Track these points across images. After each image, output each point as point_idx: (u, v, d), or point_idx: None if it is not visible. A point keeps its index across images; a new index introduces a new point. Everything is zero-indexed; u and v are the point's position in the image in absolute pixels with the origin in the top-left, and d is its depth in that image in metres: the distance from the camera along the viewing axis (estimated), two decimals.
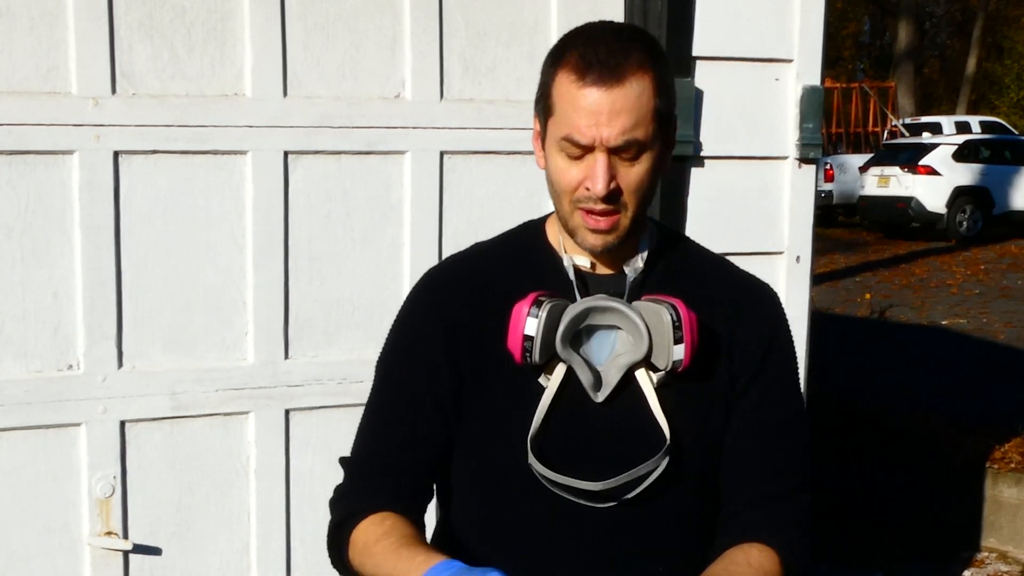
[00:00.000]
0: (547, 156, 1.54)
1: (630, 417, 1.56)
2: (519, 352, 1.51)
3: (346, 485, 1.63)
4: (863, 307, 10.86)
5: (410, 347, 1.62)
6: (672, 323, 1.50)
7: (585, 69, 1.46)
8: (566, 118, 1.48)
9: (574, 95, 1.47)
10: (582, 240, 1.54)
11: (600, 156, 1.47)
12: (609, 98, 1.45)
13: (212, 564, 2.70)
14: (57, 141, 2.47)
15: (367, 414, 1.66)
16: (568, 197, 1.52)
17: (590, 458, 1.55)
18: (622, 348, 1.55)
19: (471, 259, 1.68)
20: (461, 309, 1.60)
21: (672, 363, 1.52)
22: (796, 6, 3.05)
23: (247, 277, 2.66)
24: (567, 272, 1.58)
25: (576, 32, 1.53)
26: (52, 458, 2.54)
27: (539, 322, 1.50)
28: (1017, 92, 34.17)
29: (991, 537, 5.20)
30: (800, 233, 3.13)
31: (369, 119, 2.73)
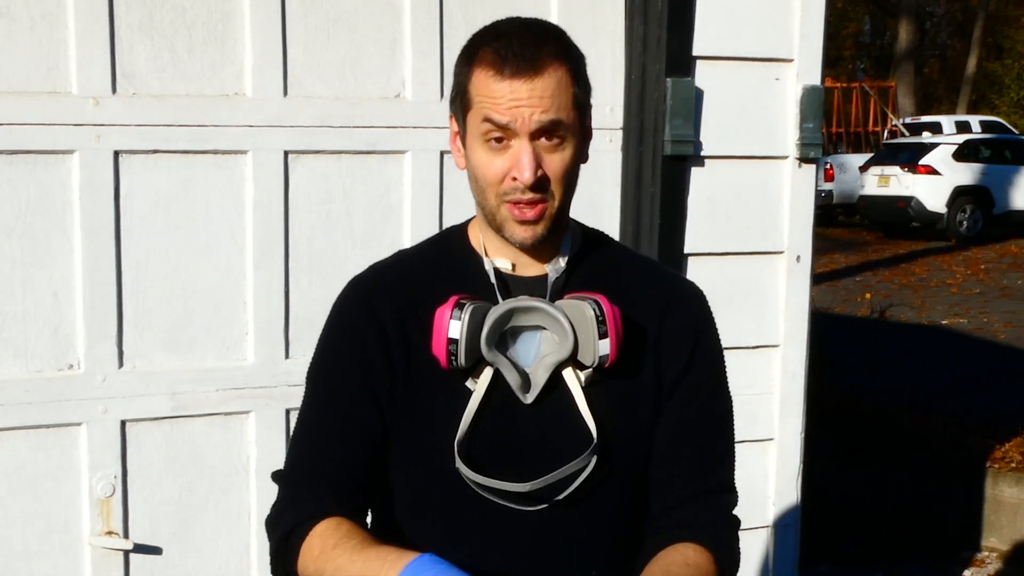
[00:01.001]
0: (468, 153, 1.54)
1: (559, 418, 1.56)
2: (444, 356, 1.50)
3: (286, 498, 1.60)
4: (863, 307, 10.86)
5: (341, 350, 1.60)
6: (596, 318, 1.50)
7: (502, 63, 1.47)
8: (484, 106, 1.49)
9: (492, 88, 1.48)
10: (511, 234, 1.54)
11: (524, 143, 1.48)
12: (528, 87, 1.47)
13: (212, 564, 2.70)
14: (57, 141, 2.47)
15: (300, 426, 1.63)
16: (494, 191, 1.51)
17: (519, 461, 1.55)
18: (548, 348, 1.54)
19: (394, 265, 1.68)
20: (387, 314, 1.59)
21: (598, 359, 1.51)
22: (796, 6, 3.05)
23: (247, 277, 2.66)
24: (488, 275, 1.58)
25: (486, 30, 1.54)
26: (52, 458, 2.54)
27: (462, 324, 1.49)
28: (1017, 92, 34.16)
29: (991, 537, 5.20)
30: (800, 233, 3.13)
31: (369, 119, 2.73)
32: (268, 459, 2.71)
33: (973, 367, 8.16)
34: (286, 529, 1.56)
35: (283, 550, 1.57)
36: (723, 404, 1.67)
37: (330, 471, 1.57)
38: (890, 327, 9.78)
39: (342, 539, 1.49)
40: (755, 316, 3.08)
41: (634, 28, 2.92)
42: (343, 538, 1.49)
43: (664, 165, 2.94)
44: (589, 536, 1.59)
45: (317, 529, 1.52)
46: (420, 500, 1.60)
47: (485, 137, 1.50)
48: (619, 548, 1.62)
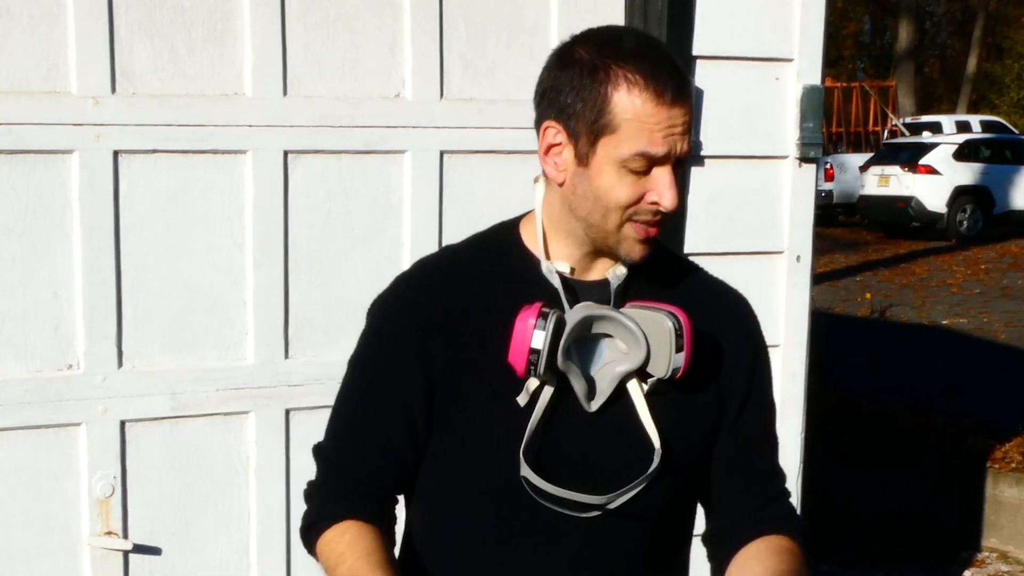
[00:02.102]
0: (594, 174, 1.49)
1: (620, 426, 1.55)
2: (523, 365, 1.48)
3: (316, 482, 1.63)
4: (863, 307, 10.86)
5: (381, 351, 1.60)
6: (675, 330, 1.49)
7: (663, 87, 1.45)
8: (638, 136, 1.45)
9: (651, 114, 1.45)
10: (628, 251, 1.53)
11: (668, 170, 1.47)
12: (683, 114, 1.46)
13: (212, 564, 2.70)
14: (57, 141, 2.47)
15: (337, 407, 1.64)
16: (621, 212, 1.50)
17: (580, 468, 1.54)
18: (611, 356, 1.53)
19: (443, 263, 1.66)
20: (435, 314, 1.57)
21: (671, 371, 1.51)
22: (796, 5, 3.05)
23: (247, 277, 2.66)
24: (548, 278, 1.56)
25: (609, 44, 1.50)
26: (52, 458, 2.54)
27: (546, 335, 1.47)
28: (1017, 91, 34.16)
29: (992, 537, 5.20)
30: (800, 232, 3.13)
31: (369, 119, 2.73)
32: (268, 459, 2.71)
33: (973, 367, 8.16)
34: (308, 519, 1.60)
35: (304, 537, 1.61)
36: (774, 412, 1.70)
37: (357, 467, 1.58)
38: (890, 327, 9.78)
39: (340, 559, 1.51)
40: None
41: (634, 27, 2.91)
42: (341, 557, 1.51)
43: None
44: (637, 542, 1.59)
45: (327, 535, 1.55)
46: (462, 505, 1.59)
47: (628, 164, 1.47)
48: (665, 554, 1.64)
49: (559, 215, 1.56)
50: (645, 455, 1.53)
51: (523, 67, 2.82)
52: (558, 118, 1.51)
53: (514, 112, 2.80)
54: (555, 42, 2.85)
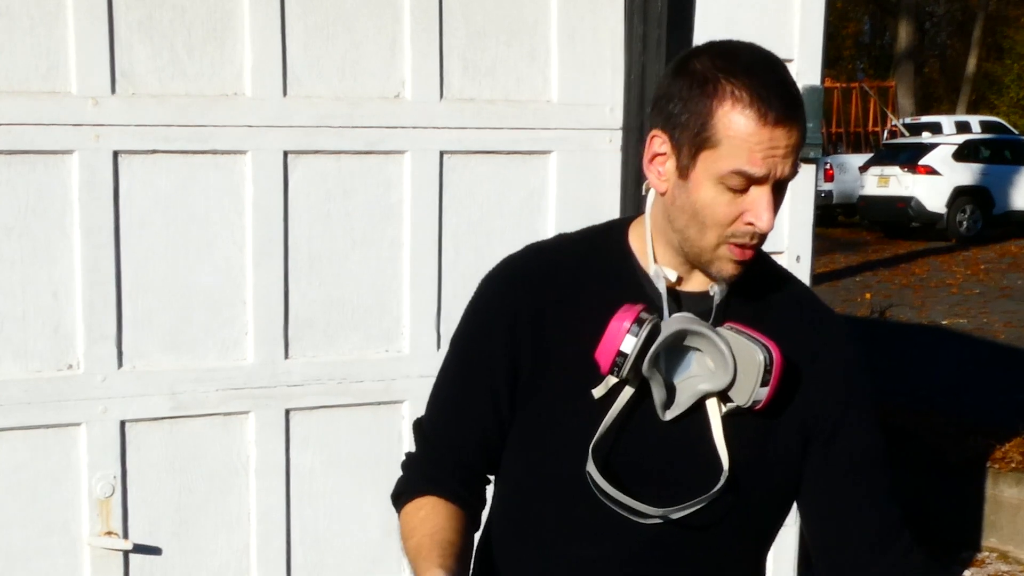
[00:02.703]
0: (694, 187, 1.47)
1: (691, 441, 1.54)
2: (608, 365, 1.49)
3: (411, 455, 1.68)
4: (863, 307, 10.86)
5: (475, 333, 1.63)
6: (764, 366, 1.48)
7: (767, 106, 1.42)
8: (738, 153, 1.43)
9: (753, 132, 1.42)
10: (719, 270, 1.51)
11: (767, 191, 1.45)
12: (788, 136, 1.43)
13: (212, 564, 2.70)
14: (57, 141, 2.47)
15: (438, 381, 1.67)
16: (720, 231, 1.48)
17: (644, 474, 1.54)
18: (698, 370, 1.53)
19: (549, 251, 1.66)
20: (529, 300, 1.58)
21: (752, 402, 1.50)
22: (796, 6, 3.05)
23: (247, 277, 2.66)
24: (655, 282, 1.55)
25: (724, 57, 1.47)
26: (52, 458, 2.54)
27: (637, 341, 1.47)
28: (1017, 92, 34.15)
29: (992, 537, 5.20)
30: (800, 233, 3.13)
31: (369, 119, 2.73)
32: (267, 459, 2.71)
33: (973, 367, 8.16)
34: (396, 491, 1.65)
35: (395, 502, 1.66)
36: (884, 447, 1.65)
37: (449, 444, 1.62)
38: (890, 327, 9.78)
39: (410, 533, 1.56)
40: None
41: (634, 28, 2.91)
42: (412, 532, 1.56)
43: None
44: (694, 554, 1.59)
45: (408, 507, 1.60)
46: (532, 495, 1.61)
47: (726, 181, 1.45)
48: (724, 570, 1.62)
49: (662, 224, 1.55)
50: (711, 474, 1.52)
51: (523, 67, 2.82)
52: (664, 127, 1.50)
53: (514, 112, 2.80)
54: (555, 42, 2.87)
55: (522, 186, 2.84)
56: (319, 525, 2.78)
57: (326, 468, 2.76)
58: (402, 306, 2.78)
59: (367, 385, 2.74)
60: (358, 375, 2.75)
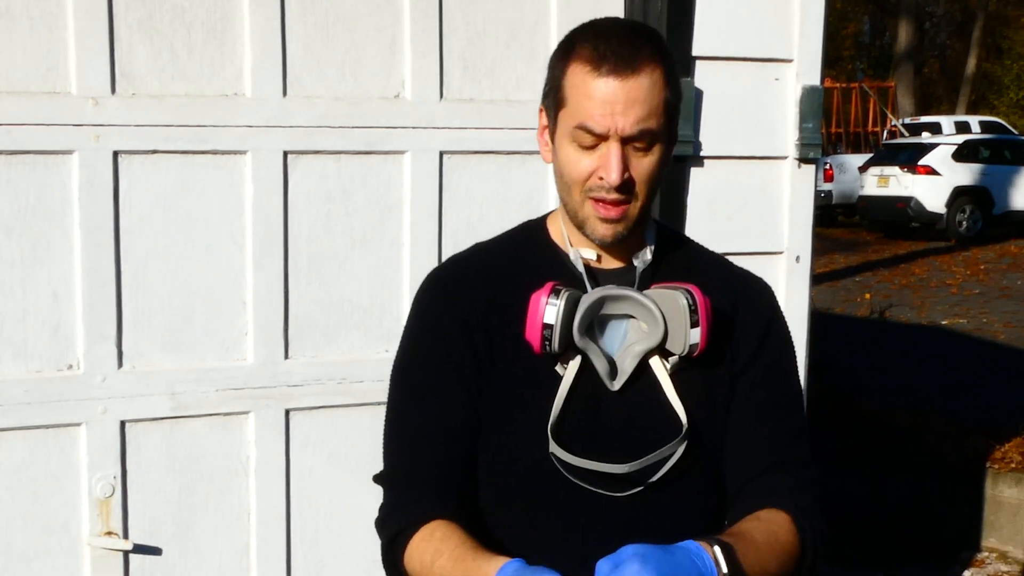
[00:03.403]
0: (557, 148, 1.55)
1: (645, 404, 1.58)
2: (538, 341, 1.52)
3: (389, 502, 1.62)
4: (863, 307, 10.86)
5: (429, 347, 1.62)
6: (688, 307, 1.52)
7: (600, 60, 1.48)
8: (579, 108, 1.49)
9: (588, 85, 1.48)
10: (592, 230, 1.56)
11: (614, 146, 1.49)
12: (624, 88, 1.47)
13: (212, 564, 2.70)
14: (57, 141, 2.47)
15: (393, 426, 1.64)
16: (579, 187, 1.53)
17: (607, 446, 1.57)
18: (635, 336, 1.57)
19: (474, 257, 1.70)
20: (470, 305, 1.61)
21: (688, 347, 1.54)
22: (796, 6, 3.05)
23: (247, 277, 2.66)
24: (574, 266, 1.60)
25: (585, 27, 1.55)
26: (52, 458, 2.54)
27: (558, 310, 1.50)
28: (1017, 92, 34.17)
29: (991, 537, 5.20)
30: (800, 233, 3.13)
31: (369, 119, 2.73)
32: (268, 459, 2.71)
33: (973, 367, 8.16)
34: (390, 535, 1.59)
35: (391, 554, 1.59)
36: (795, 386, 1.71)
37: (428, 472, 1.59)
38: (890, 327, 9.79)
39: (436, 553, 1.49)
40: None
41: None
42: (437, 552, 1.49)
43: None
44: (676, 520, 1.60)
45: (415, 539, 1.54)
46: (509, 485, 1.61)
47: (575, 138, 1.51)
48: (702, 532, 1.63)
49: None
50: (672, 431, 1.56)
51: (523, 67, 2.82)
52: (543, 100, 1.59)
53: (514, 112, 2.80)
54: (555, 42, 2.85)
55: (522, 186, 2.84)
56: (319, 525, 2.78)
57: (326, 468, 2.76)
58: (402, 306, 2.78)
59: (367, 385, 2.74)
60: (358, 375, 2.75)
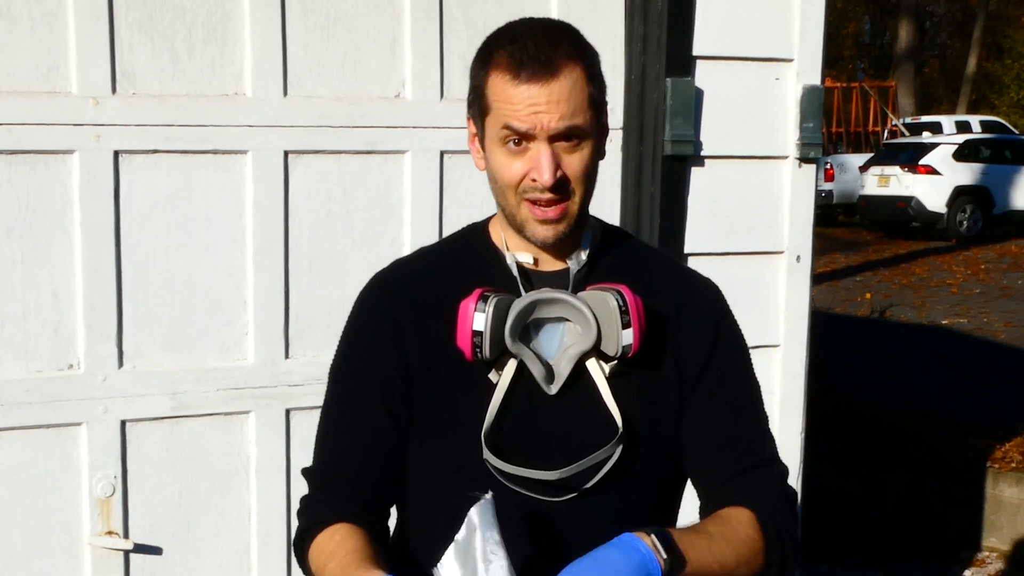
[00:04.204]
0: (488, 155, 1.56)
1: (583, 408, 1.57)
2: (469, 348, 1.52)
3: (306, 498, 1.64)
4: (863, 307, 10.85)
5: (359, 352, 1.63)
6: (619, 307, 1.52)
7: (518, 67, 1.48)
8: (503, 112, 1.50)
9: (510, 93, 1.49)
10: (532, 233, 1.56)
11: (543, 146, 1.50)
12: (545, 91, 1.48)
13: (212, 564, 2.70)
14: (57, 141, 2.47)
15: (322, 423, 1.67)
16: (513, 191, 1.53)
17: (545, 451, 1.56)
18: (571, 339, 1.56)
19: (415, 261, 1.71)
20: (406, 309, 1.61)
21: (622, 348, 1.53)
22: (796, 6, 3.05)
23: (247, 277, 2.66)
24: (510, 269, 1.60)
25: (501, 32, 1.55)
26: (52, 458, 2.54)
27: (486, 317, 1.50)
28: (1017, 92, 34.16)
29: (991, 537, 5.20)
30: (800, 233, 3.13)
31: (369, 119, 2.73)
32: (268, 459, 2.71)
33: (973, 367, 8.16)
34: (301, 530, 1.61)
35: (298, 549, 1.61)
36: (752, 385, 1.69)
37: (346, 476, 1.60)
38: (890, 327, 9.78)
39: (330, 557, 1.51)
40: (755, 316, 3.07)
41: (634, 28, 2.92)
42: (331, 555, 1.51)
43: (664, 165, 2.94)
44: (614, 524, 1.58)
45: (318, 539, 1.56)
46: (444, 494, 1.60)
47: (504, 141, 1.52)
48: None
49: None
50: (608, 435, 1.55)
51: None
52: (469, 110, 1.60)
53: None
54: None
55: None
56: None
57: None
58: None
59: None
60: None
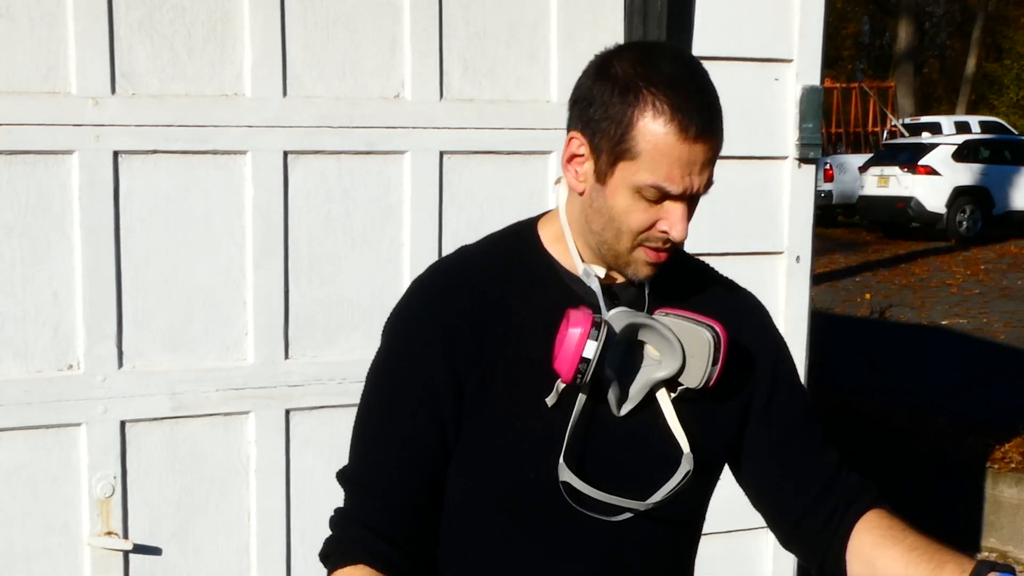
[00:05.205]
0: (610, 194, 1.48)
1: (648, 432, 1.55)
2: (571, 374, 1.46)
3: (342, 510, 1.59)
4: (863, 307, 10.86)
5: (404, 362, 1.56)
6: (713, 344, 1.50)
7: (687, 123, 1.42)
8: (656, 167, 1.43)
9: (674, 148, 1.42)
10: (635, 272, 1.52)
11: (681, 205, 1.47)
12: (707, 152, 1.44)
13: (212, 564, 2.70)
14: (57, 141, 2.47)
15: (361, 427, 1.59)
16: (634, 237, 1.49)
17: (610, 472, 1.54)
18: (647, 362, 1.53)
19: (462, 266, 1.62)
20: (458, 319, 1.53)
21: (704, 383, 1.51)
22: (796, 6, 3.05)
23: (247, 277, 2.66)
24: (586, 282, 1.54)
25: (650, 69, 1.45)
26: (52, 458, 2.54)
27: (598, 345, 1.45)
28: (1016, 92, 34.16)
29: (991, 537, 5.20)
30: (800, 233, 3.13)
31: (369, 119, 2.73)
32: (268, 459, 2.71)
33: (973, 367, 8.16)
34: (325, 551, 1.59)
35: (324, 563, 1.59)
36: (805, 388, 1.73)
37: (384, 485, 1.54)
38: (890, 327, 9.79)
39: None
40: None
41: (634, 28, 2.91)
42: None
43: None
44: (663, 544, 1.61)
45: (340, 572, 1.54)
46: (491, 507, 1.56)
47: (643, 193, 1.46)
48: (685, 557, 1.66)
49: (579, 221, 1.55)
50: (673, 460, 1.54)
51: (523, 67, 2.82)
52: (584, 130, 1.50)
53: (514, 112, 2.80)
54: (555, 42, 2.87)
55: (522, 186, 2.84)
56: (319, 525, 2.76)
57: (326, 468, 2.75)
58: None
59: None
60: (358, 375, 2.72)
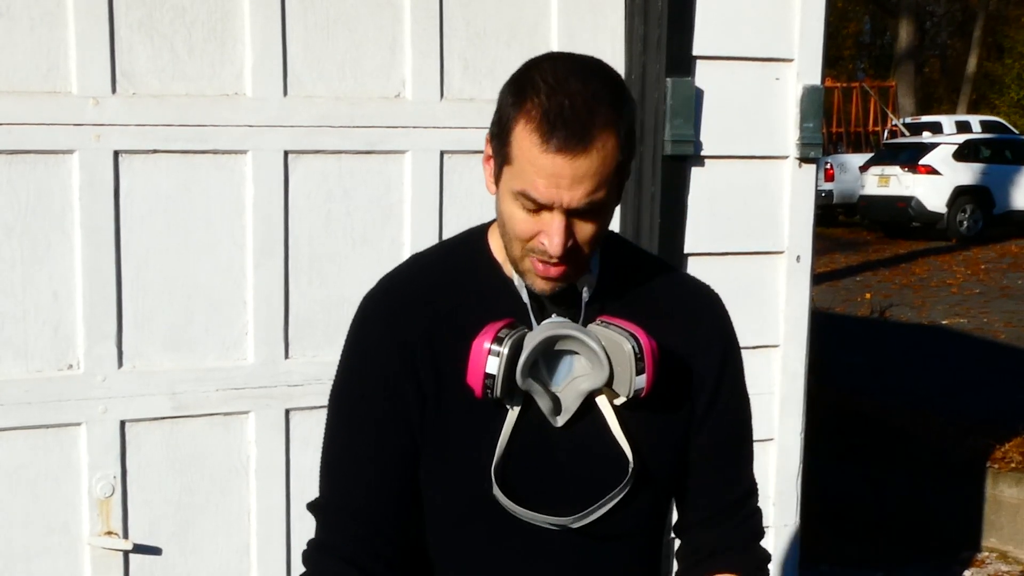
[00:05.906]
0: (500, 197, 1.46)
1: (591, 441, 1.54)
2: (480, 388, 1.46)
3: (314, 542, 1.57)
4: (863, 307, 10.86)
5: (366, 375, 1.55)
6: (634, 354, 1.46)
7: (549, 131, 1.36)
8: (524, 175, 1.40)
9: (535, 157, 1.38)
10: (531, 283, 1.49)
11: (558, 218, 1.40)
12: (572, 166, 1.37)
13: (212, 564, 2.70)
14: (57, 141, 2.47)
15: (328, 452, 1.58)
16: (521, 244, 1.46)
17: (553, 483, 1.53)
18: (579, 371, 1.51)
19: (414, 279, 1.60)
20: (413, 331, 1.53)
21: (633, 392, 1.48)
22: (796, 5, 3.05)
23: (247, 277, 2.66)
24: (520, 292, 1.52)
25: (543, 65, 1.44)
26: (52, 458, 2.54)
27: (500, 360, 1.44)
28: (1017, 92, 34.16)
29: (991, 537, 5.20)
30: (800, 232, 3.13)
31: (369, 119, 2.73)
32: (268, 459, 2.71)
33: (973, 367, 8.16)
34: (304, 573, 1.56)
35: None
36: (747, 412, 1.69)
37: (358, 510, 1.53)
38: (890, 327, 9.78)
39: None
40: (755, 316, 3.08)
41: (634, 27, 2.92)
42: None
43: (664, 165, 2.94)
44: (617, 553, 1.60)
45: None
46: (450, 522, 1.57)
47: (518, 200, 1.42)
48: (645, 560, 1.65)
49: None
50: (618, 469, 1.53)
51: None
52: (489, 132, 1.49)
53: None
54: (555, 42, 2.87)
55: None
56: None
57: None
58: None
59: None
60: None
